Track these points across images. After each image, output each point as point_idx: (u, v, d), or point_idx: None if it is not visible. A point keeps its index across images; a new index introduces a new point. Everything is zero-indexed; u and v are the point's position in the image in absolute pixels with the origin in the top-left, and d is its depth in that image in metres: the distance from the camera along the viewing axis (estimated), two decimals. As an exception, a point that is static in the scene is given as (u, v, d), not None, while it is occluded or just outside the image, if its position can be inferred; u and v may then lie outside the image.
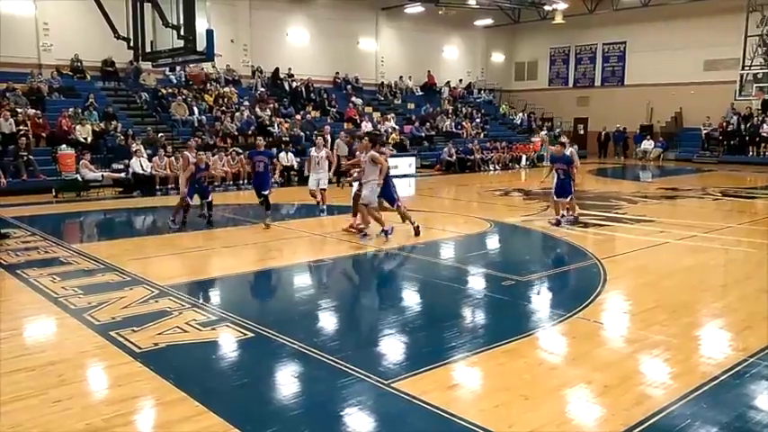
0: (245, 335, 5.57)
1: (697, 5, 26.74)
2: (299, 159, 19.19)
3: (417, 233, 10.12)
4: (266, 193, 11.29)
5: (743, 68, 25.50)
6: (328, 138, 18.35)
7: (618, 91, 31.97)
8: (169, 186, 16.79)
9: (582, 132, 32.95)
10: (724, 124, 27.67)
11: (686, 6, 27.16)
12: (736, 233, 10.92)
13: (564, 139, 13.47)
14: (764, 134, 26.16)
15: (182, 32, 10.20)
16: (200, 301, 6.77)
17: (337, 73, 28.14)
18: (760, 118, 26.71)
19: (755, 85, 25.50)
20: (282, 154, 19.33)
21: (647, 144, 29.37)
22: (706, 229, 11.03)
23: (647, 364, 5.03)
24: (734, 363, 4.96)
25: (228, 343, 5.46)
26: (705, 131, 28.18)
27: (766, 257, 9.26)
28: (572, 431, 3.93)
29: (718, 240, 10.23)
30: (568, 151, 11.86)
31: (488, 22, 32.70)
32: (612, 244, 10.19)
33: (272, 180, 12.51)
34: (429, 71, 31.45)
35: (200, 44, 10.58)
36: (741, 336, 5.66)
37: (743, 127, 27.10)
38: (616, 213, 12.88)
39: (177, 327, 5.74)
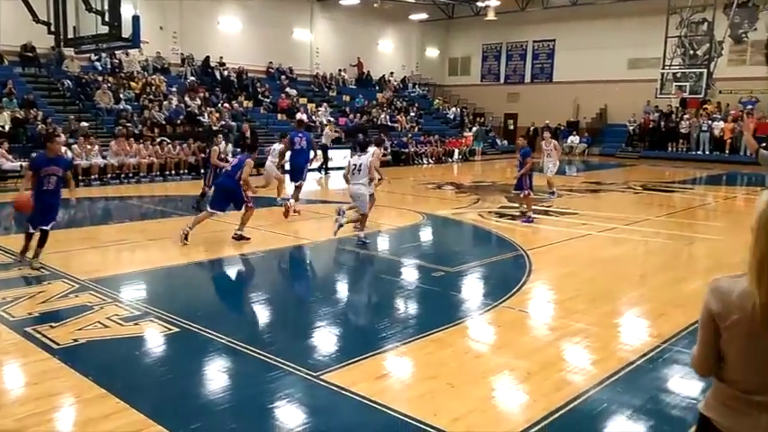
0: (170, 330, 5.44)
1: (622, 6, 27.76)
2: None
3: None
4: (48, 228, 7.46)
5: (663, 68, 26.67)
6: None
7: (546, 87, 32.85)
8: (92, 177, 16.18)
9: (512, 128, 33.71)
10: (642, 120, 28.90)
11: (612, 6, 28.16)
12: (655, 225, 11.44)
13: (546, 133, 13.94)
14: (683, 131, 27.49)
15: (106, 18, 9.84)
16: (123, 295, 6.57)
17: (271, 62, 27.74)
18: (679, 115, 28.06)
19: (675, 83, 26.73)
20: (223, 144, 18.93)
21: (574, 139, 30.35)
22: (626, 222, 11.50)
23: (568, 351, 5.22)
24: (648, 348, 5.21)
25: (152, 338, 5.32)
26: (631, 128, 29.30)
27: (681, 248, 9.78)
28: (496, 417, 4.04)
29: (638, 232, 10.70)
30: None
31: (423, 16, 32.96)
32: (538, 235, 10.49)
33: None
34: (359, 57, 31.38)
35: (126, 31, 10.26)
36: (656, 323, 5.95)
37: (663, 124, 28.40)
38: (542, 206, 13.26)
39: (98, 322, 5.55)
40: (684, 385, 4.57)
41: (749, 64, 26.94)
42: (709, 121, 26.71)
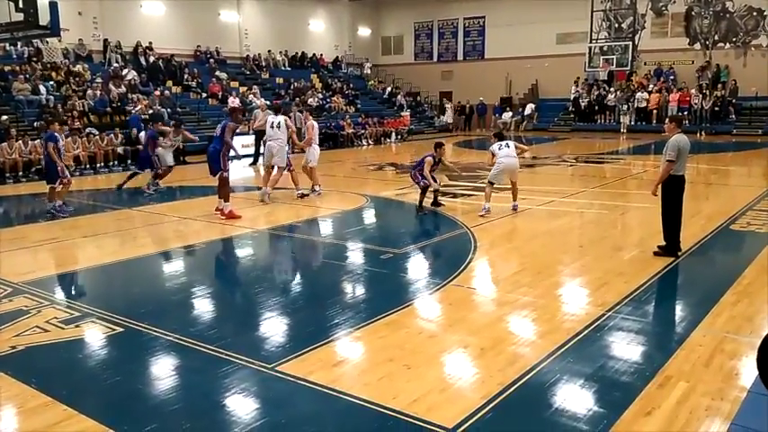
0: (114, 330, 5.25)
1: (548, -19, 28.26)
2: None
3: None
4: None
5: (590, 41, 27.37)
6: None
7: (479, 65, 33.21)
8: (19, 173, 15.39)
9: (447, 106, 33.93)
10: (584, 92, 29.49)
11: (538, -19, 28.63)
12: (590, 196, 11.79)
13: None
14: (610, 103, 28.34)
15: (20, 5, 9.27)
16: (61, 296, 6.29)
17: (198, 46, 26.93)
18: (606, 88, 28.89)
19: (602, 57, 27.49)
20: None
21: (507, 115, 30.85)
22: (563, 195, 11.80)
23: (518, 325, 5.33)
24: (594, 318, 5.37)
25: (96, 340, 5.12)
26: (572, 96, 29.65)
27: (616, 218, 10.12)
28: (453, 396, 4.08)
29: (575, 204, 11.00)
30: None
31: (352, -6, 32.65)
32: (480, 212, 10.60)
33: None
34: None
35: (44, 18, 9.71)
36: (599, 292, 6.14)
37: (592, 96, 29.18)
38: (482, 183, 13.38)
39: (37, 326, 5.30)
40: (631, 351, 4.74)
41: (670, 36, 27.98)
42: (635, 93, 27.58)
